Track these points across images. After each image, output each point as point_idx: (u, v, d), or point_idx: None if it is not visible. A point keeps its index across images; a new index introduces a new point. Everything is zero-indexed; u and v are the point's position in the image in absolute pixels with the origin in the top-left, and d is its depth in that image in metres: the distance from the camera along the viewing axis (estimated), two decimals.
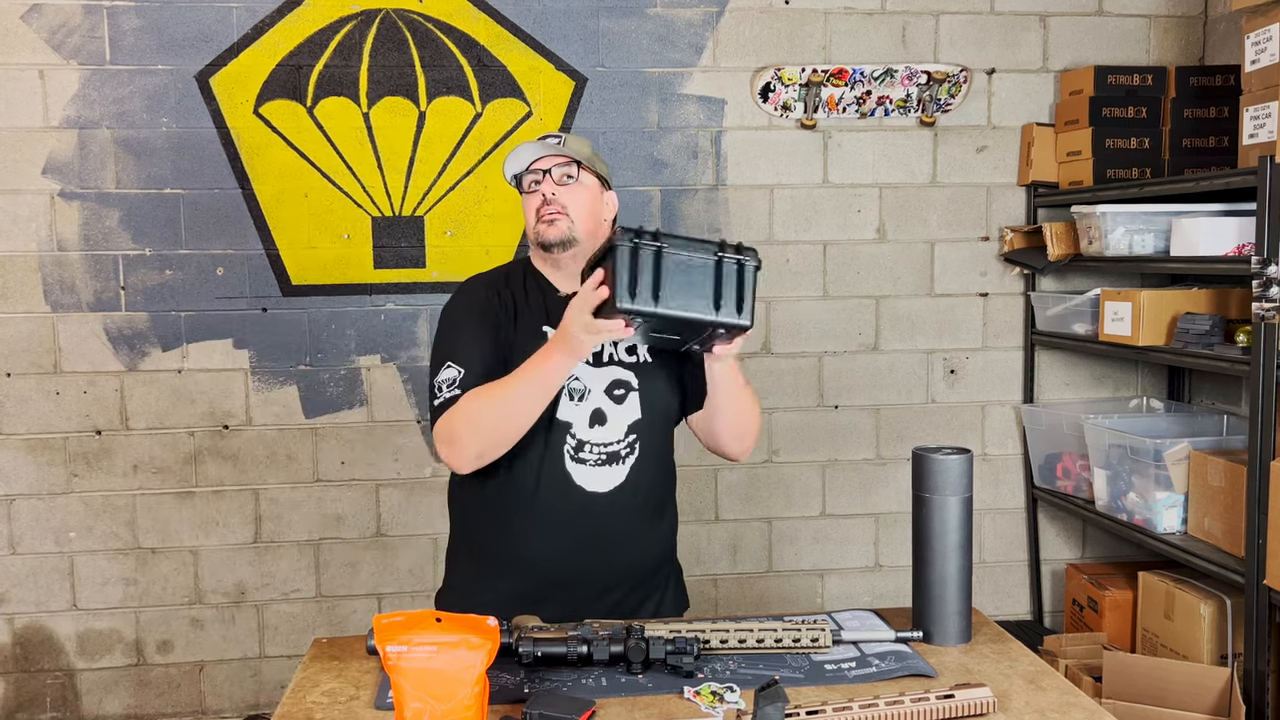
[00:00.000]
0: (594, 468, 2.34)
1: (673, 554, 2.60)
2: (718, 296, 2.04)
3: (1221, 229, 3.49)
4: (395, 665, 1.74)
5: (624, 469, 2.36)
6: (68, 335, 3.97)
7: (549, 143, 2.42)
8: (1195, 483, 3.58)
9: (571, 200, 2.36)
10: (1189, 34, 4.37)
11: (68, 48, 3.88)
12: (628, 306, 1.99)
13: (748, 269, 2.06)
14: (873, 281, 4.33)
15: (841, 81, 4.17)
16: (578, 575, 2.36)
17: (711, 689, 1.93)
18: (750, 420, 2.45)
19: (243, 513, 4.11)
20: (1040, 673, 2.07)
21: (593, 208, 2.40)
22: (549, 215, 2.35)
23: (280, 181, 4.00)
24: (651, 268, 1.99)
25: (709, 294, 2.03)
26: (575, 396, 2.35)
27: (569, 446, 2.34)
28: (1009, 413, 4.47)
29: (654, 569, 2.49)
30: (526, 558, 2.36)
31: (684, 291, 2.01)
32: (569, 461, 2.34)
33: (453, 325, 2.41)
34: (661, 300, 2.00)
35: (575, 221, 2.36)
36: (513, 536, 2.37)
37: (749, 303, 2.07)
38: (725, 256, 2.05)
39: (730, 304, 2.04)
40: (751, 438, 2.49)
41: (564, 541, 2.34)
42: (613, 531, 2.36)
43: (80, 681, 4.09)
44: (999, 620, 4.32)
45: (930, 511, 2.18)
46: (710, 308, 2.03)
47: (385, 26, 3.98)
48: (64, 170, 3.92)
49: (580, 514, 2.34)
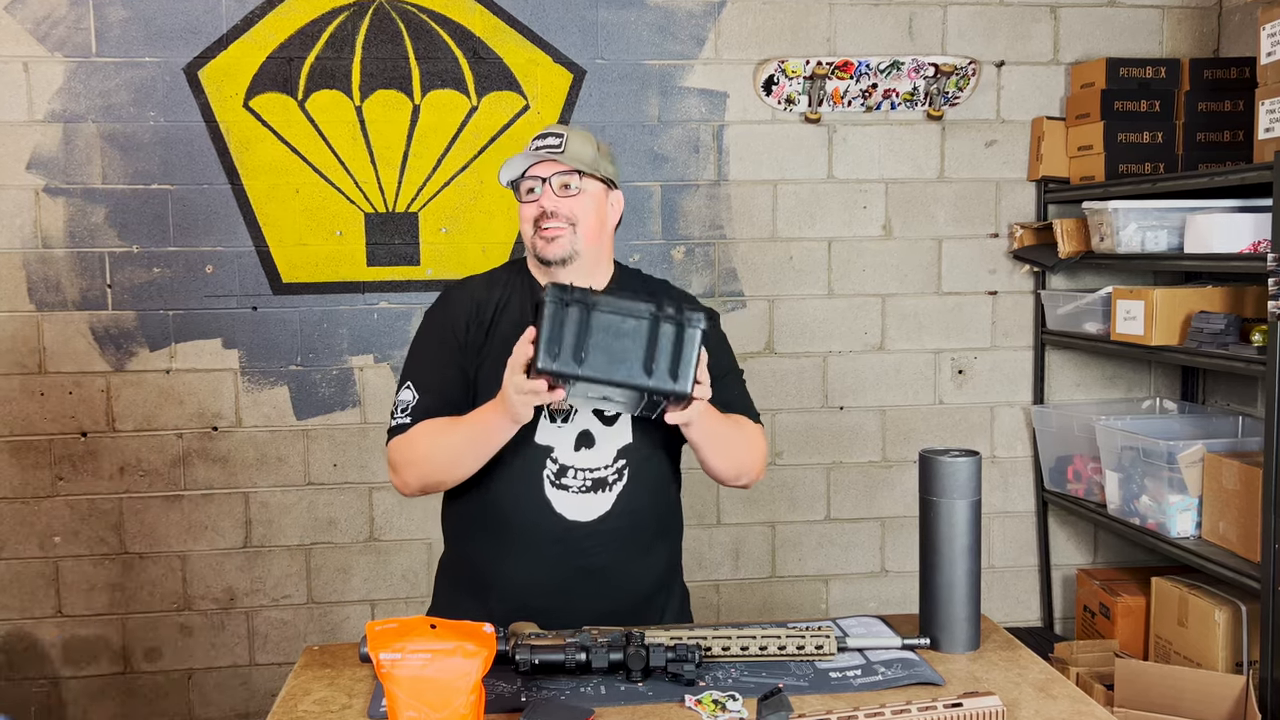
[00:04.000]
0: (577, 494, 2.24)
1: (672, 580, 2.48)
2: (650, 361, 1.95)
3: (1236, 225, 3.47)
4: (389, 673, 1.72)
5: (610, 496, 2.25)
6: (53, 334, 3.94)
7: (549, 144, 2.27)
8: (1209, 486, 3.56)
9: (573, 212, 2.24)
10: (1203, 25, 4.35)
11: (52, 39, 3.85)
12: (547, 368, 1.93)
13: (688, 332, 1.97)
14: (879, 279, 4.30)
15: (847, 74, 4.15)
16: (562, 605, 2.25)
17: (713, 697, 1.90)
18: (746, 458, 2.34)
19: (232, 516, 4.08)
20: (1050, 681, 2.05)
21: (598, 216, 2.28)
22: (549, 231, 2.23)
23: (271, 177, 3.97)
24: (576, 329, 1.93)
25: (640, 358, 1.95)
26: (558, 418, 2.25)
27: (549, 472, 2.24)
28: (1018, 414, 4.44)
29: (647, 596, 2.39)
30: (506, 587, 2.28)
31: (612, 355, 1.94)
32: (549, 488, 2.24)
33: (419, 341, 2.36)
34: (586, 363, 1.93)
35: (578, 235, 2.24)
36: (493, 562, 2.29)
37: (688, 369, 1.97)
38: (662, 318, 1.96)
39: (664, 369, 1.96)
40: (752, 473, 2.37)
41: (543, 573, 2.26)
42: (597, 564, 2.26)
43: (65, 690, 4.06)
44: (1008, 627, 4.23)
45: (938, 515, 2.16)
46: (641, 373, 1.95)
47: (378, 17, 3.96)
48: (49, 165, 3.89)
49: (559, 545, 2.25)
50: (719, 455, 2.27)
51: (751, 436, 2.36)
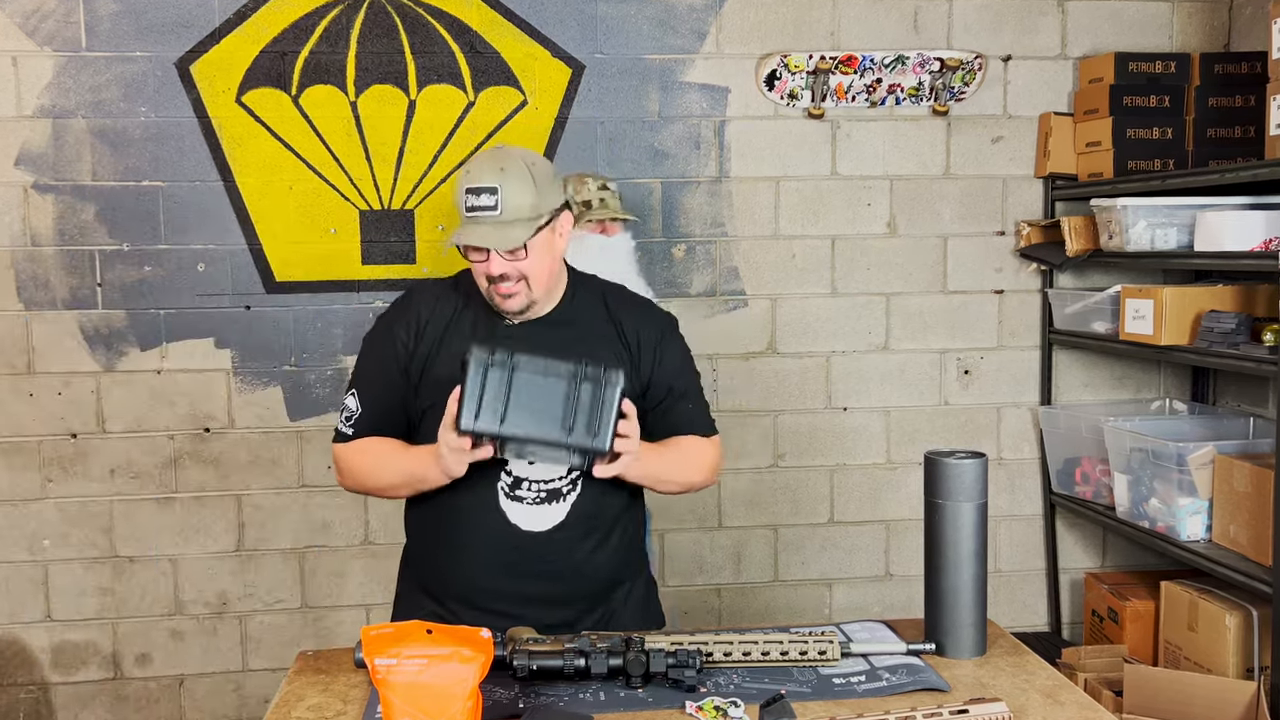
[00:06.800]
0: (531, 506, 2.25)
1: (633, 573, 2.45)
2: (570, 420, 2.04)
3: (1247, 223, 3.48)
4: (384, 679, 1.73)
5: (565, 506, 2.26)
6: (42, 334, 3.93)
7: (483, 205, 2.16)
8: (1220, 488, 3.57)
9: (523, 269, 2.21)
10: (1213, 19, 4.34)
11: (42, 33, 3.83)
12: (469, 428, 2.03)
13: (608, 391, 2.05)
14: (883, 278, 4.28)
15: (851, 69, 4.12)
16: (521, 606, 2.27)
17: (715, 703, 1.90)
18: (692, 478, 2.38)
19: (225, 519, 4.06)
20: (1058, 686, 2.04)
21: (550, 258, 2.25)
22: (504, 289, 2.22)
23: (264, 173, 3.95)
24: (499, 389, 2.03)
25: (559, 417, 2.04)
26: None
27: (504, 484, 2.25)
28: (1025, 415, 4.42)
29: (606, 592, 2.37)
30: (464, 589, 2.30)
31: (534, 414, 2.04)
32: (503, 499, 2.25)
33: (366, 347, 2.39)
34: (507, 422, 2.03)
35: (533, 288, 2.24)
36: (450, 569, 2.32)
37: (605, 426, 2.05)
38: (582, 377, 2.05)
39: (583, 427, 2.04)
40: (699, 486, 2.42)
41: (499, 580, 2.27)
42: (553, 569, 2.28)
43: (55, 696, 4.05)
44: (1015, 632, 4.21)
45: (943, 518, 2.15)
46: (560, 431, 2.04)
47: (374, 11, 3.93)
48: (38, 162, 3.87)
49: (516, 552, 2.26)
50: (661, 486, 2.34)
51: (696, 456, 2.37)
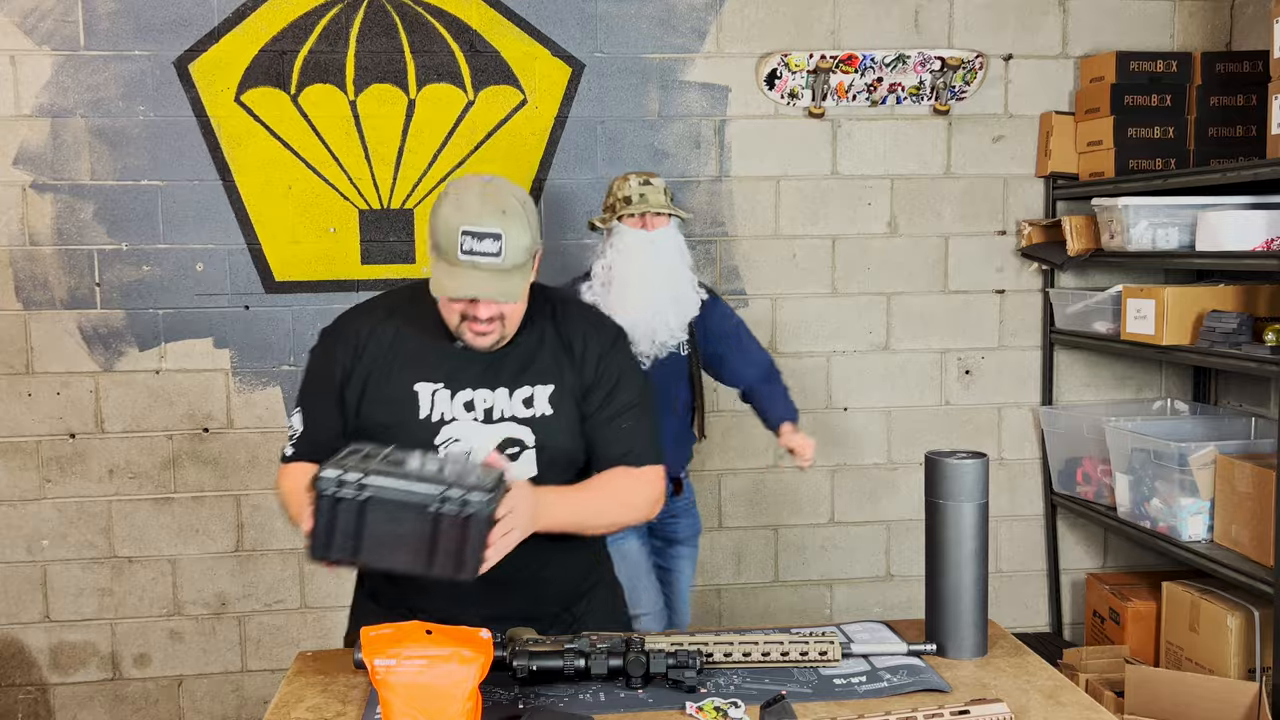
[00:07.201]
0: None
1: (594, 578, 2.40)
2: (431, 552, 1.85)
3: (1249, 222, 3.48)
4: (384, 680, 1.73)
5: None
6: (40, 334, 3.92)
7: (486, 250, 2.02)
8: (1221, 488, 3.57)
9: (506, 309, 2.12)
10: (1215, 18, 4.33)
11: (40, 32, 3.82)
12: (320, 557, 1.86)
13: (473, 521, 1.84)
14: (884, 277, 4.27)
15: (851, 68, 4.12)
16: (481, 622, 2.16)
17: (715, 704, 1.89)
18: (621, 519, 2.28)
19: (224, 519, 4.05)
20: (1059, 687, 2.04)
21: (525, 300, 2.16)
22: (479, 327, 2.11)
23: (263, 173, 3.94)
24: (349, 522, 1.83)
25: (420, 549, 1.85)
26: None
27: None
28: (1026, 415, 4.41)
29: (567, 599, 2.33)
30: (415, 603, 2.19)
31: (392, 544, 1.85)
32: None
33: (310, 366, 2.27)
34: (364, 553, 1.85)
35: (508, 325, 2.14)
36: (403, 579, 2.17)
37: (470, 556, 1.86)
38: (444, 505, 1.84)
39: (446, 558, 1.85)
40: (626, 523, 2.32)
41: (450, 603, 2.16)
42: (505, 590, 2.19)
43: (53, 697, 4.04)
44: (1016, 632, 4.21)
45: (944, 518, 2.15)
46: (422, 563, 1.85)
47: (373, 10, 3.92)
48: (36, 161, 3.86)
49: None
50: (585, 531, 2.24)
51: (624, 494, 2.25)
